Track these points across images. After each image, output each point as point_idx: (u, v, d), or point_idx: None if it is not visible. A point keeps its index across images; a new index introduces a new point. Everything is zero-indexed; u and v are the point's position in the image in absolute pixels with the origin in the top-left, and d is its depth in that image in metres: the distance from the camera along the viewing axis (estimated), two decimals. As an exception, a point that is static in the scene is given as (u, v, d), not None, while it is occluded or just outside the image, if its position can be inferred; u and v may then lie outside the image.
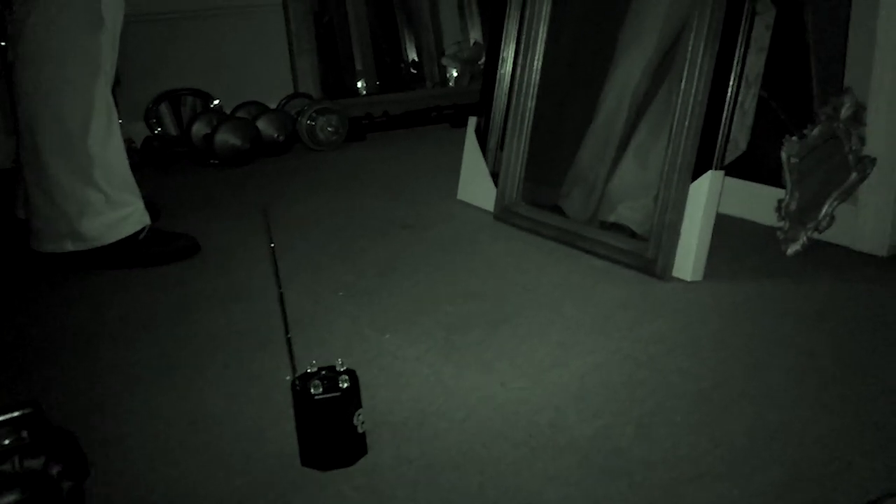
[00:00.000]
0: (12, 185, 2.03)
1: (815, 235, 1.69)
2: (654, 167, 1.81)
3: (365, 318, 1.51)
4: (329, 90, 3.72)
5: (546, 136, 2.06)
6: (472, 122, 2.25)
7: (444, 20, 4.10)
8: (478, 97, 2.29)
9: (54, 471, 0.84)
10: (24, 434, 0.83)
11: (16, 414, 0.84)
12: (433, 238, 1.98)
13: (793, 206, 1.68)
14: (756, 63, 1.83)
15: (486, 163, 2.18)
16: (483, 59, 3.90)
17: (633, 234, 1.80)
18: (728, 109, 1.55)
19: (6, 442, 0.82)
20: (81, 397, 1.29)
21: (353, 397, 1.05)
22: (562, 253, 1.82)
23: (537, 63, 2.01)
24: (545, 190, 2.05)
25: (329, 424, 1.04)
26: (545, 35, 2.00)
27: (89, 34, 1.76)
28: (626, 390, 1.19)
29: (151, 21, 3.30)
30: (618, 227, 1.85)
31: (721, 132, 1.55)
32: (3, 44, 3.15)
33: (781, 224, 1.69)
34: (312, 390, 1.03)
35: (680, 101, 1.61)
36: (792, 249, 1.68)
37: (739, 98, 1.61)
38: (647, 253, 1.64)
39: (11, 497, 0.79)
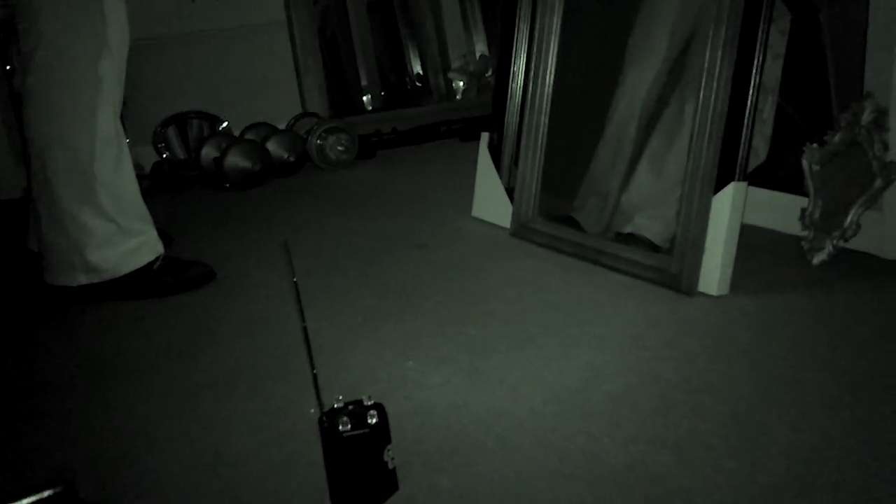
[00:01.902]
0: (25, 217, 2.01)
1: (841, 244, 1.66)
2: (669, 176, 1.78)
3: (386, 344, 1.49)
4: (336, 108, 3.70)
5: (559, 148, 2.04)
6: (485, 137, 2.22)
7: (449, 33, 4.08)
8: (486, 110, 2.27)
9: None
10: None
11: (47, 493, 0.80)
12: (450, 257, 1.95)
13: (816, 215, 1.65)
14: (773, 70, 1.81)
15: (501, 178, 2.15)
16: (490, 72, 3.89)
17: (651, 245, 1.77)
18: (748, 119, 1.52)
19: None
20: (100, 435, 1.26)
21: (382, 433, 1.02)
22: (582, 269, 1.79)
23: (549, 78, 1.99)
24: (560, 201, 2.02)
25: (358, 462, 1.02)
26: (556, 49, 1.98)
27: (95, 63, 1.74)
28: (659, 414, 1.16)
29: (156, 45, 3.29)
30: (634, 238, 1.82)
31: (742, 142, 1.53)
32: (8, 67, 3.17)
33: (806, 233, 1.66)
34: (340, 427, 1.00)
35: (699, 112, 1.59)
36: (818, 259, 1.65)
37: (758, 107, 1.58)
38: (671, 268, 1.61)
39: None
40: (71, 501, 0.82)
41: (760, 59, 1.52)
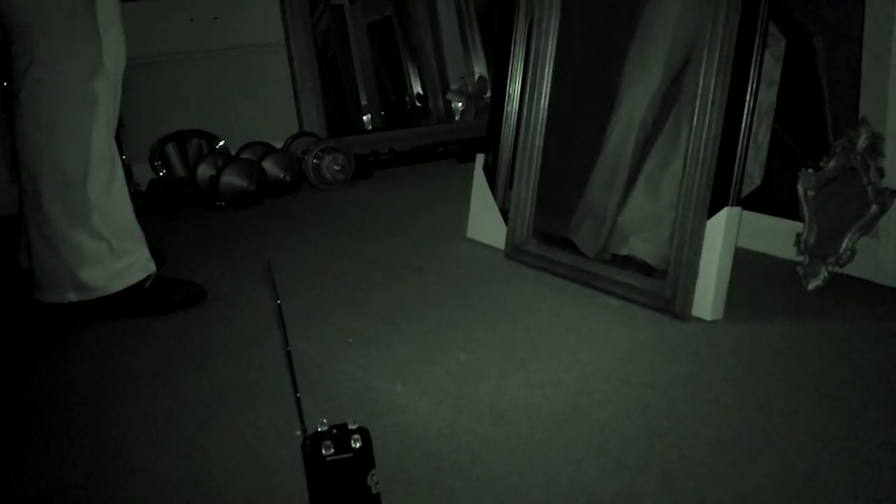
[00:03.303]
0: (16, 233, 2.00)
1: (836, 270, 1.65)
2: (665, 198, 1.78)
3: (374, 368, 1.47)
4: (334, 127, 3.70)
5: (555, 169, 2.03)
6: (480, 159, 2.22)
7: (448, 54, 4.09)
8: (483, 132, 2.27)
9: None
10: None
11: None
12: (443, 280, 1.94)
13: (812, 240, 1.64)
14: (768, 96, 1.80)
15: (496, 200, 2.14)
16: (488, 94, 3.89)
17: (647, 266, 1.76)
18: (742, 144, 1.51)
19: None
20: (82, 457, 1.24)
21: (366, 457, 1.01)
22: (575, 292, 1.78)
23: (544, 101, 1.98)
24: (556, 222, 2.01)
25: (341, 487, 1.00)
26: (551, 73, 1.98)
27: (89, 82, 1.74)
28: (647, 442, 1.15)
29: (155, 64, 3.30)
30: (631, 260, 1.81)
31: (736, 167, 1.52)
32: (5, 84, 3.17)
33: (801, 258, 1.65)
34: (323, 451, 0.99)
35: (692, 137, 1.58)
36: (813, 284, 1.64)
37: (752, 132, 1.58)
38: (664, 292, 1.60)
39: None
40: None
41: (754, 84, 1.51)
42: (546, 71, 1.98)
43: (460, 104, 3.97)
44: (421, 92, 4.09)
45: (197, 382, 1.48)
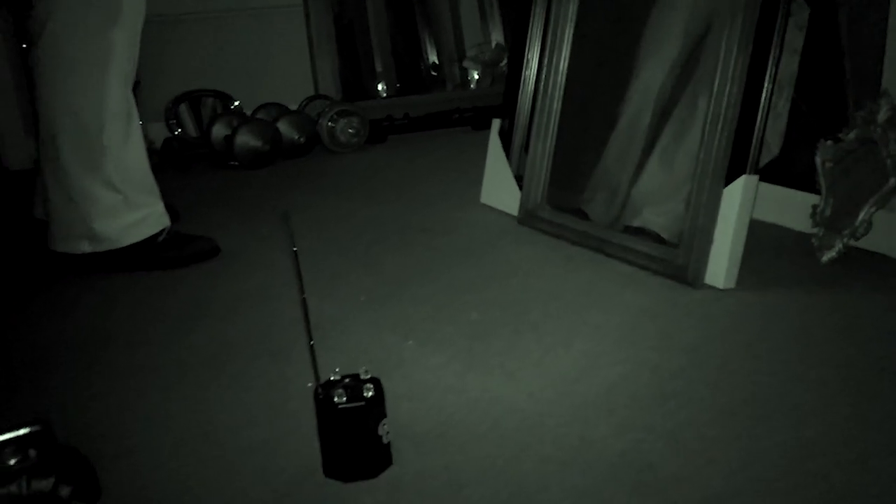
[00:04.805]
0: (32, 185, 2.00)
1: (851, 242, 1.64)
2: (680, 171, 1.77)
3: (386, 325, 1.48)
4: (349, 92, 3.69)
5: (570, 140, 2.02)
6: (496, 123, 2.21)
7: (465, 21, 4.06)
8: (499, 99, 2.26)
9: (64, 492, 0.80)
10: (32, 453, 0.79)
11: (22, 432, 0.79)
12: (455, 243, 1.94)
13: (827, 212, 1.63)
14: (789, 65, 1.78)
15: (510, 166, 2.14)
16: (504, 62, 3.86)
17: (658, 239, 1.76)
18: (762, 113, 1.50)
19: (12, 462, 0.78)
20: (90, 406, 1.26)
21: (377, 406, 1.02)
22: (587, 258, 1.77)
23: (563, 65, 1.97)
24: (569, 194, 2.01)
25: (352, 435, 1.01)
26: (571, 36, 1.96)
27: (108, 32, 1.73)
28: (655, 403, 1.15)
29: (171, 22, 3.28)
30: (643, 232, 1.80)
31: (755, 136, 1.50)
32: (24, 46, 3.17)
33: (816, 230, 1.64)
34: (336, 399, 0.99)
35: (712, 103, 1.57)
36: (827, 257, 1.63)
37: (773, 101, 1.56)
38: (677, 259, 1.60)
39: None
40: (48, 441, 0.80)
41: (777, 52, 1.49)
42: (566, 34, 1.96)
43: (476, 72, 3.95)
44: (437, 61, 4.06)
45: (209, 334, 1.49)
